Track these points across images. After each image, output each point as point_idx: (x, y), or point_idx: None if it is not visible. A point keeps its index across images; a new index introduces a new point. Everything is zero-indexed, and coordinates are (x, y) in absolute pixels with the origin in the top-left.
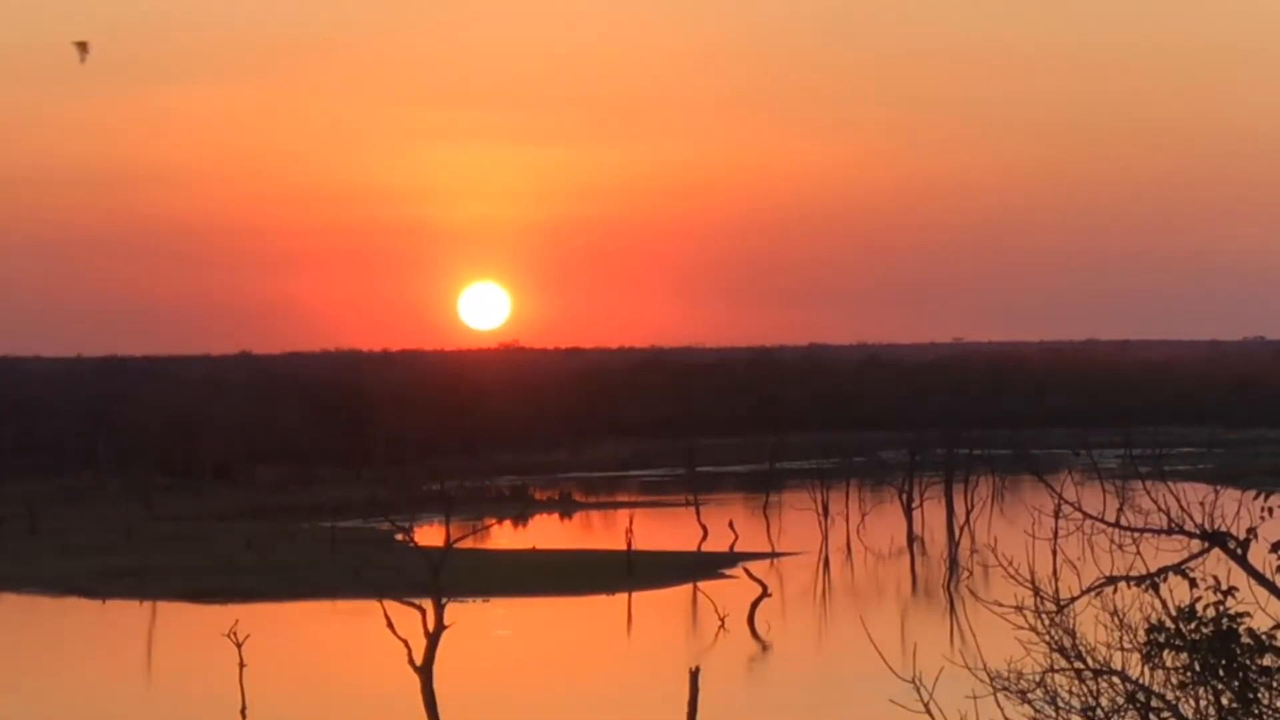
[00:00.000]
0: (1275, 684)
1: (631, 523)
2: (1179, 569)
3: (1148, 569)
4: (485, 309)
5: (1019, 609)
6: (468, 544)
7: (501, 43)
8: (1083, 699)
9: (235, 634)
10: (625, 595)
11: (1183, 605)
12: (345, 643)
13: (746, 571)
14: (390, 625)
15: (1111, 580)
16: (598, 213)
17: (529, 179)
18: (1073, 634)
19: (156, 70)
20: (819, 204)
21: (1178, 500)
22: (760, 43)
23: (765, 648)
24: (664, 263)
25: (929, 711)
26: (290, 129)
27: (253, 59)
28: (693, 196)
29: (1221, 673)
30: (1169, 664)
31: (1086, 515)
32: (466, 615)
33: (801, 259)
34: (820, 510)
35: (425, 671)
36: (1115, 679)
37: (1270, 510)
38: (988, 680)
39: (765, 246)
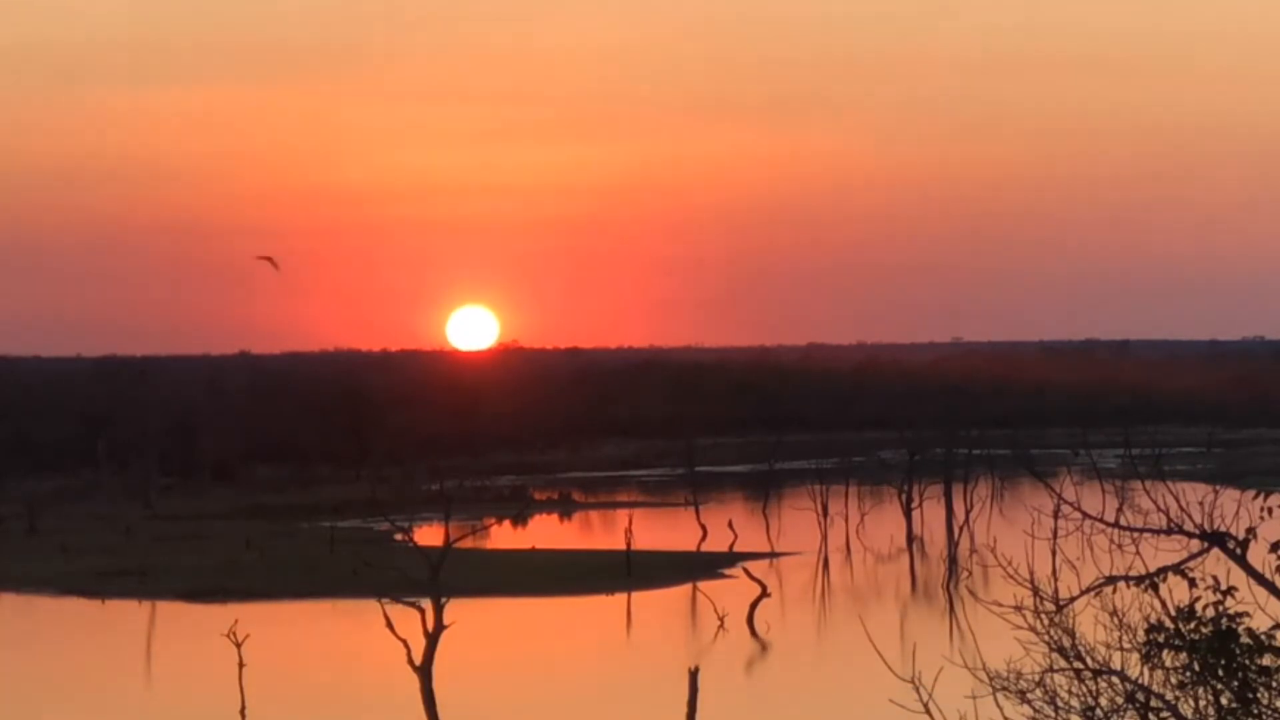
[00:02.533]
0: (1275, 684)
1: (631, 523)
2: (1178, 569)
3: (1147, 569)
4: (474, 331)
5: (1018, 609)
6: (467, 544)
7: (501, 44)
8: (1082, 699)
9: (235, 634)
10: (625, 595)
11: (1182, 605)
12: (345, 643)
13: (746, 571)
14: (390, 625)
15: (1111, 580)
16: (591, 212)
17: (526, 179)
18: (1072, 634)
19: (157, 70)
20: (818, 204)
21: (1177, 500)
22: (760, 41)
23: (764, 648)
24: (663, 262)
25: (928, 711)
26: (290, 129)
27: (253, 59)
28: (693, 195)
29: (1221, 672)
30: (1168, 664)
31: (1086, 515)
32: (466, 615)
33: (800, 258)
34: (820, 510)
35: (425, 671)
36: (1115, 679)
37: (1270, 510)
38: (987, 680)
39: (763, 246)
